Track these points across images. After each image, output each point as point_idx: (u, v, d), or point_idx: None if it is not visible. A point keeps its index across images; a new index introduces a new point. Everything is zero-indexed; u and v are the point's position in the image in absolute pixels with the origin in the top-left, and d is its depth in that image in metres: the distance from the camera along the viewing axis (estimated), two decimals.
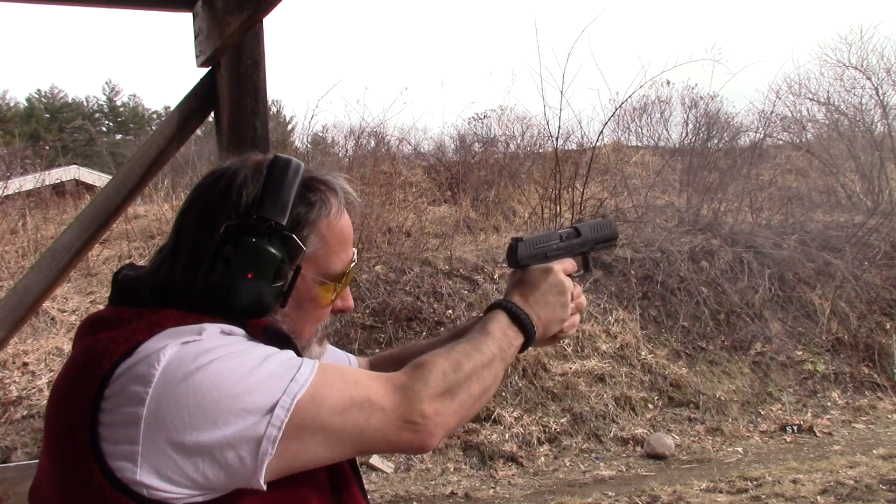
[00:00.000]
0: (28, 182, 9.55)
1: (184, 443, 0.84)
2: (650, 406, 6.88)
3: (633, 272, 8.16)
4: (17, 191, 8.85)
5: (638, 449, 6.35)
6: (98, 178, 11.51)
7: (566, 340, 7.28)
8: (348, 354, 1.40)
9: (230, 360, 0.88)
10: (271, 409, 0.87)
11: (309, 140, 12.59)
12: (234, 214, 0.98)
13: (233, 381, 0.87)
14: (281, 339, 0.98)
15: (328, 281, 1.06)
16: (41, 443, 5.42)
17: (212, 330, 0.92)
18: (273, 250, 0.97)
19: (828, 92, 13.66)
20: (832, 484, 5.17)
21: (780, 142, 13.91)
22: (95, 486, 0.85)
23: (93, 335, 0.96)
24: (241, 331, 0.95)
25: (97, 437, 0.86)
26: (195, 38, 2.57)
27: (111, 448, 0.85)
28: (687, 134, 12.28)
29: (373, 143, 11.67)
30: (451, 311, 7.11)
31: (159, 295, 0.99)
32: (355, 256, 1.11)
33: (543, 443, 6.31)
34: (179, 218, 1.04)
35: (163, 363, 0.86)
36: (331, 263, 1.06)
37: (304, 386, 0.90)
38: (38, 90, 34.07)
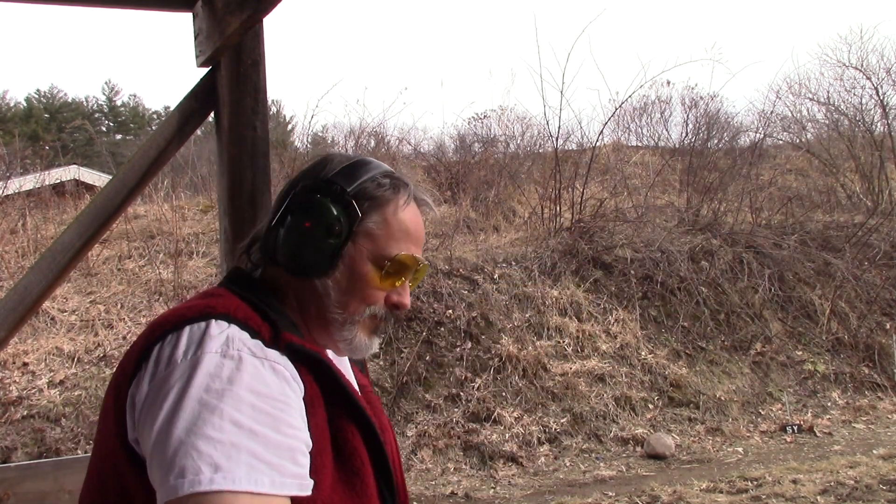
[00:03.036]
0: (28, 182, 9.54)
1: (149, 437, 0.89)
2: (650, 406, 6.88)
3: (633, 272, 8.16)
4: (17, 191, 8.84)
5: (638, 449, 6.35)
6: (98, 178, 11.50)
7: (566, 340, 7.29)
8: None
9: (221, 415, 0.87)
10: (195, 474, 0.84)
11: (309, 140, 12.59)
12: (313, 179, 1.11)
13: (192, 429, 0.86)
14: (302, 358, 1.00)
15: (381, 261, 1.10)
16: (41, 443, 5.41)
17: (236, 344, 0.94)
18: (331, 206, 1.07)
19: (828, 92, 13.67)
20: (832, 484, 5.17)
21: (780, 142, 13.91)
22: (111, 437, 0.95)
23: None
24: (269, 353, 0.96)
25: (125, 397, 0.95)
26: (195, 38, 2.56)
27: (129, 404, 0.94)
28: (687, 134, 12.28)
29: (373, 143, 11.67)
30: (450, 311, 7.11)
31: (248, 255, 1.15)
32: (422, 260, 1.16)
33: (543, 443, 6.30)
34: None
35: (178, 359, 0.92)
36: (388, 247, 1.11)
37: (234, 485, 0.84)
38: (38, 90, 34.11)
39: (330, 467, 0.99)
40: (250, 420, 0.88)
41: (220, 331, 0.95)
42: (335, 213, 1.07)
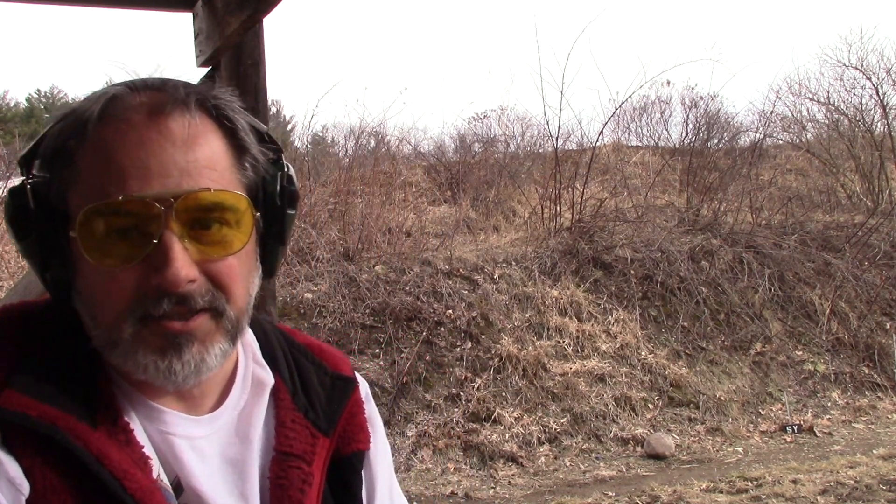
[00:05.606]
0: None
1: None
2: (650, 406, 6.88)
3: (633, 272, 8.16)
4: None
5: (638, 449, 6.35)
6: None
7: (566, 340, 7.29)
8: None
9: None
10: None
11: (309, 140, 12.59)
12: None
13: None
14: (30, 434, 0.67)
15: (78, 221, 0.68)
16: None
17: None
18: (13, 198, 0.71)
19: (828, 92, 13.65)
20: (832, 484, 5.17)
21: (780, 142, 13.91)
22: None
23: None
24: None
25: None
26: (195, 38, 2.56)
27: None
28: (687, 134, 12.28)
29: (373, 143, 11.69)
30: (450, 311, 7.11)
31: None
32: (150, 194, 0.67)
33: (543, 443, 6.31)
34: None
35: None
36: (86, 194, 0.69)
37: None
38: (38, 90, 34.08)
39: None
40: None
41: None
42: (13, 204, 0.71)
